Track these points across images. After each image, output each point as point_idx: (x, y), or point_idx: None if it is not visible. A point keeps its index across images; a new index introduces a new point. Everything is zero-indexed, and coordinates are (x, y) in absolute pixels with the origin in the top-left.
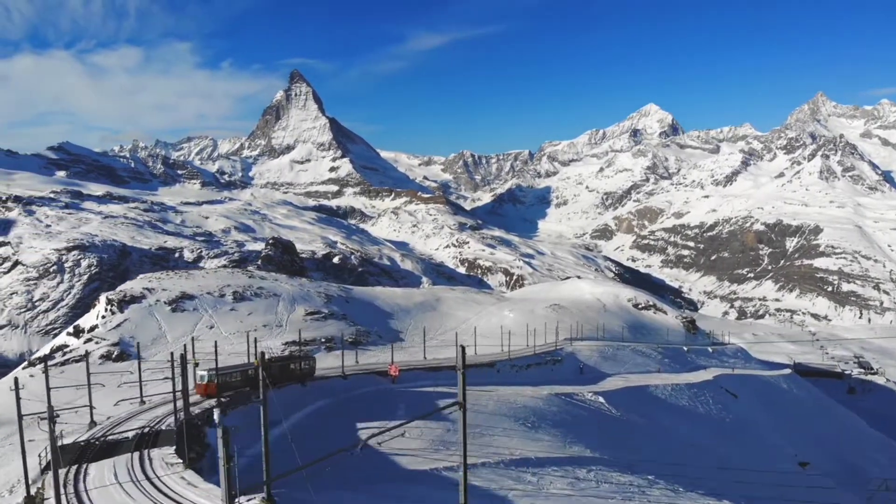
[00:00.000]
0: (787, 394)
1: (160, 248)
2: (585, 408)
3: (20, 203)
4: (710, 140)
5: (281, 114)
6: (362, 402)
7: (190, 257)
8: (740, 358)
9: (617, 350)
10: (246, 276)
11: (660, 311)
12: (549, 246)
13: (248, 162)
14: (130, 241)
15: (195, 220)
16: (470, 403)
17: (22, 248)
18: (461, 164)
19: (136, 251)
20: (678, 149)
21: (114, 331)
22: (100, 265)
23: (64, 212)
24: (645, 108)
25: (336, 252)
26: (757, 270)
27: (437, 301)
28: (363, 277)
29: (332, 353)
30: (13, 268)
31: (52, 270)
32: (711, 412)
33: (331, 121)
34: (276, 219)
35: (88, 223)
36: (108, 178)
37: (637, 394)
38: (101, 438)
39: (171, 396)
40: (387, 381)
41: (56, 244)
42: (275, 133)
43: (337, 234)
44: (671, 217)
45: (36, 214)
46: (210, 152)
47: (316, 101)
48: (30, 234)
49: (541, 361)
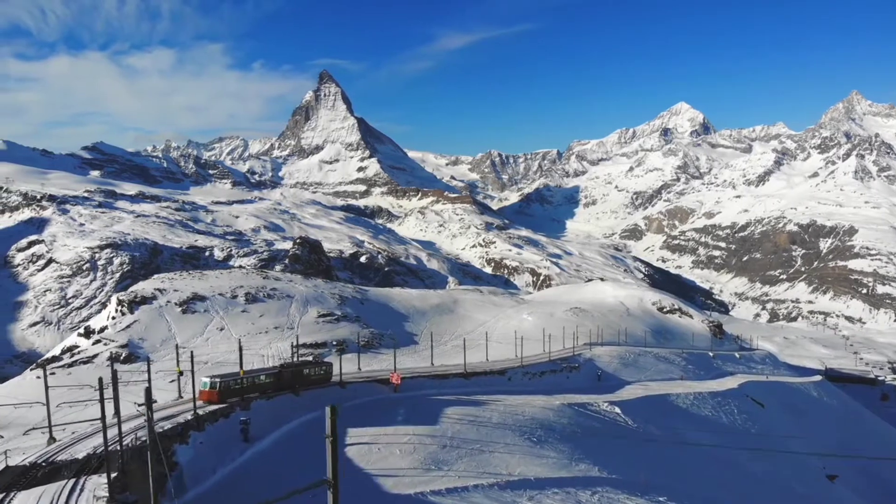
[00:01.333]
0: (816, 402)
1: (191, 247)
2: (599, 419)
3: (54, 202)
4: (743, 139)
5: (310, 114)
6: (357, 414)
7: (220, 256)
8: (769, 364)
9: (638, 356)
10: (260, 277)
11: (685, 315)
12: (577, 246)
13: (278, 162)
14: (162, 239)
15: (225, 220)
16: (473, 417)
17: (56, 246)
18: (488, 164)
19: (168, 250)
20: (709, 148)
21: (123, 332)
22: (132, 263)
23: (97, 211)
24: (675, 107)
25: (363, 251)
26: (790, 272)
27: (455, 303)
28: (389, 277)
29: (344, 355)
30: (47, 265)
31: (85, 268)
32: (736, 423)
33: (359, 121)
34: (305, 218)
35: (121, 222)
36: (140, 178)
37: (656, 403)
38: (49, 459)
39: (170, 403)
40: (388, 389)
41: (89, 242)
42: (304, 133)
43: (364, 234)
44: (702, 217)
45: (70, 213)
46: (241, 152)
47: (345, 101)
48: (64, 232)
49: (556, 368)
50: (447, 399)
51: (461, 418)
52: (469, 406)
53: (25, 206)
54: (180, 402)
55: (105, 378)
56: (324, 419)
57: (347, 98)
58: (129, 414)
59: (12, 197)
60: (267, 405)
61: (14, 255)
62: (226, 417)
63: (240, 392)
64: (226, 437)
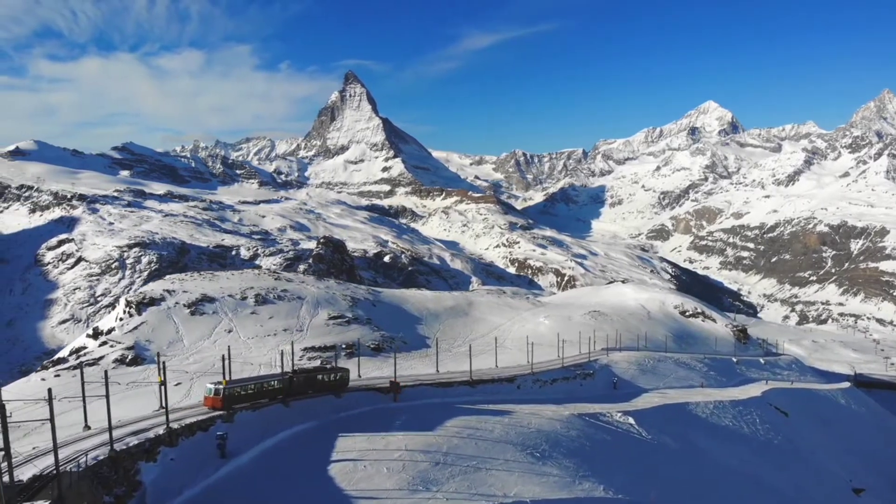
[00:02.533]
0: (843, 410)
1: (217, 246)
2: (611, 430)
3: (84, 201)
4: (772, 138)
5: (336, 115)
6: (350, 426)
7: (246, 255)
8: (794, 370)
9: (658, 362)
10: (272, 279)
11: (708, 319)
12: (602, 246)
13: (304, 162)
14: (189, 238)
15: (252, 219)
16: (472, 430)
17: (85, 245)
18: (513, 164)
19: (195, 248)
20: (738, 147)
21: (129, 334)
22: (159, 262)
23: (126, 210)
24: (703, 106)
25: (387, 251)
26: (819, 273)
27: (470, 305)
28: (413, 276)
29: (354, 359)
30: (77, 264)
31: (114, 266)
32: (758, 433)
33: (384, 121)
34: (330, 218)
35: (149, 221)
36: (169, 178)
37: (674, 412)
38: None
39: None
40: (388, 398)
41: (118, 241)
42: (330, 134)
43: (388, 234)
44: (730, 217)
45: (99, 212)
46: (268, 153)
47: (370, 101)
48: (93, 231)
49: (569, 375)
50: (449, 409)
51: (460, 431)
52: (471, 417)
53: (56, 205)
54: (174, 410)
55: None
56: (312, 433)
57: (372, 98)
58: (69, 436)
59: (43, 196)
60: (252, 416)
61: (44, 254)
62: (204, 430)
63: (246, 399)
64: (201, 453)
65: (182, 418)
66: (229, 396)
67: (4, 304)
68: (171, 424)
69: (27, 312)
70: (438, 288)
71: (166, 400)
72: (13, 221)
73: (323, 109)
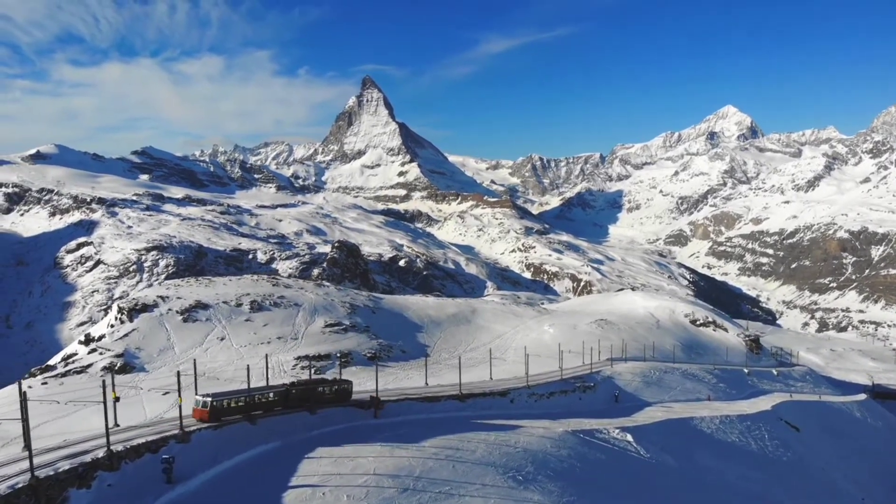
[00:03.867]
0: (859, 424)
1: (234, 250)
2: (606, 449)
3: (104, 205)
4: (792, 143)
5: (353, 119)
6: (322, 445)
7: (263, 259)
8: (809, 381)
9: (664, 373)
10: (270, 285)
11: (720, 328)
12: (619, 251)
13: (321, 167)
14: (206, 242)
15: (269, 223)
16: (453, 450)
17: (104, 248)
18: (529, 168)
19: (212, 252)
20: (757, 152)
21: (120, 341)
22: (177, 265)
23: (145, 213)
24: (722, 110)
25: (402, 255)
26: (840, 280)
27: (473, 313)
28: (427, 281)
29: (348, 368)
30: (95, 266)
31: (132, 269)
32: (766, 449)
33: (400, 126)
34: (346, 222)
35: (167, 224)
36: (188, 182)
37: (676, 428)
38: None
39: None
40: (368, 414)
41: (136, 244)
42: (347, 138)
43: (403, 238)
44: (749, 223)
45: (118, 216)
46: (286, 157)
47: (387, 106)
48: (112, 234)
49: (568, 388)
50: (433, 426)
51: (438, 451)
52: (453, 435)
53: (75, 208)
54: (160, 422)
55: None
56: (274, 455)
57: (389, 103)
58: None
59: (63, 200)
60: (211, 436)
61: (63, 257)
62: (153, 452)
63: (237, 411)
64: (145, 478)
65: (144, 436)
66: (217, 409)
67: (24, 307)
68: (123, 444)
69: (46, 315)
70: (453, 292)
71: (107, 420)
72: (34, 224)
73: (340, 114)
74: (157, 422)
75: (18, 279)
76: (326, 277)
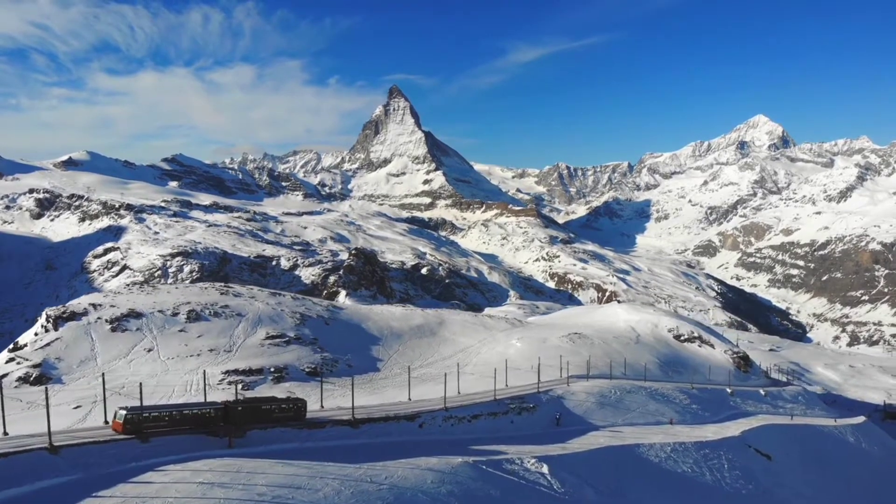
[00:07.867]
0: (850, 450)
1: (258, 256)
2: (508, 483)
3: (132, 211)
4: (824, 153)
5: (380, 128)
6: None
7: (286, 265)
8: (801, 402)
9: (627, 393)
10: (217, 293)
11: (706, 345)
12: (646, 262)
13: (348, 175)
14: (231, 248)
15: (294, 230)
16: (291, 489)
17: (130, 254)
18: (556, 177)
19: (236, 258)
20: (788, 162)
21: (40, 350)
22: (201, 271)
23: (172, 220)
24: (753, 120)
25: (424, 263)
26: (872, 293)
27: (440, 325)
28: (450, 289)
29: (282, 384)
30: (121, 272)
31: (157, 275)
32: (723, 482)
33: (426, 134)
34: (370, 230)
35: (194, 231)
36: (217, 189)
37: (614, 457)
38: None
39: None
40: (221, 443)
41: (162, 250)
42: (373, 147)
43: (427, 246)
44: (779, 234)
45: (146, 222)
46: (314, 165)
47: (413, 115)
48: (139, 240)
49: (500, 410)
50: (295, 457)
51: (265, 493)
52: (302, 470)
53: (104, 214)
54: None
55: (10, 404)
56: (66, 488)
57: (416, 112)
58: None
59: (93, 206)
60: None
61: (91, 262)
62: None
63: (161, 426)
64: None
65: None
66: (132, 422)
67: None
68: None
69: None
70: (475, 301)
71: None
72: (63, 230)
73: (367, 123)
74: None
75: (47, 283)
76: (343, 284)
